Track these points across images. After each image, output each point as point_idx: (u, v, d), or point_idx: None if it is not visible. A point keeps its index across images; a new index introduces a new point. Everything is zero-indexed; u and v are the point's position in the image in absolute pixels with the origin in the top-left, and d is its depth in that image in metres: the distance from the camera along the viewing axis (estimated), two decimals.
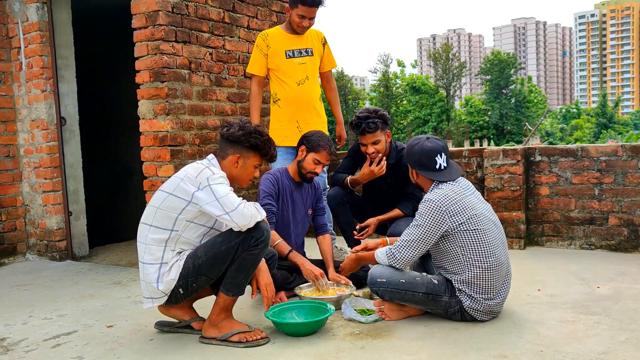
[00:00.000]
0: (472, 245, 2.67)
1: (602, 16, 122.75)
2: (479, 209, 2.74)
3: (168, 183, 2.63)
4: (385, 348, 2.50)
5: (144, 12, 4.08)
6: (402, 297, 2.76)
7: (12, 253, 4.90)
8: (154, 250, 2.57)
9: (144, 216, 2.65)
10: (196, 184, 2.51)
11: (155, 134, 4.13)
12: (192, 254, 2.59)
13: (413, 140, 2.93)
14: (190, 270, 2.56)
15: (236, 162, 2.68)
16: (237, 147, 2.67)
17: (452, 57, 51.22)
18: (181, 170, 2.65)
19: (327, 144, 3.38)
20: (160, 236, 2.57)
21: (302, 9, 3.79)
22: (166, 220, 2.56)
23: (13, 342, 2.82)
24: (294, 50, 3.93)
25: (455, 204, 2.68)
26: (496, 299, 2.74)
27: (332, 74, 4.27)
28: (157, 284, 2.56)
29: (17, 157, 4.97)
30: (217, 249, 2.55)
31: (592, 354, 2.33)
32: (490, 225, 2.74)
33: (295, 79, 3.91)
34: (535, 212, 4.52)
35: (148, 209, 2.65)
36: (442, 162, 2.81)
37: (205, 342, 2.65)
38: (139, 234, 2.65)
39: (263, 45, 3.90)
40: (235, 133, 2.66)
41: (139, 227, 2.66)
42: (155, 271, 2.56)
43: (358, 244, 3.90)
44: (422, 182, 2.90)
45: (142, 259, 2.60)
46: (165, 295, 2.59)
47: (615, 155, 4.23)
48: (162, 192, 2.61)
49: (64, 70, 4.80)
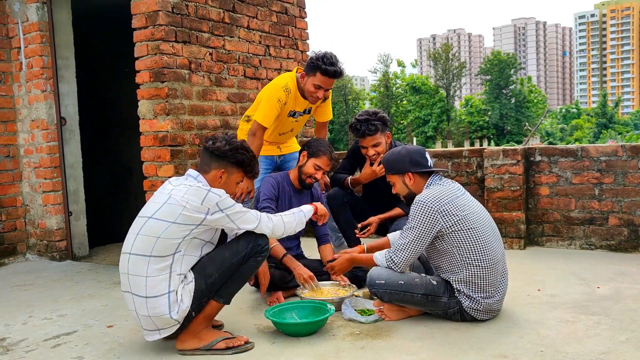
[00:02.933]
0: (467, 244, 2.68)
1: (602, 16, 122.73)
2: (472, 208, 2.74)
3: (163, 211, 2.43)
4: (385, 348, 2.50)
5: (144, 12, 4.08)
6: (401, 298, 2.76)
7: (12, 253, 4.90)
8: (158, 281, 2.39)
9: (135, 247, 2.43)
10: (204, 211, 2.43)
11: (155, 134, 4.13)
12: (202, 273, 2.47)
13: (394, 151, 2.95)
14: (203, 290, 2.47)
15: (220, 177, 2.59)
16: (222, 162, 2.59)
17: (452, 57, 51.26)
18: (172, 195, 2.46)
19: (327, 150, 3.40)
20: (164, 264, 2.40)
21: (320, 78, 3.51)
22: (169, 247, 2.41)
23: (13, 342, 2.82)
24: (297, 112, 3.79)
25: (448, 204, 2.68)
26: (495, 296, 2.74)
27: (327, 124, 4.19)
28: (170, 314, 2.40)
29: (17, 157, 4.97)
30: (229, 263, 2.51)
31: (592, 354, 2.33)
32: (484, 223, 2.75)
33: (282, 130, 3.86)
34: (535, 212, 4.52)
35: (142, 239, 2.43)
36: (430, 160, 2.90)
37: (187, 354, 2.51)
38: (132, 267, 2.42)
39: (283, 101, 3.61)
40: (222, 148, 2.58)
41: (128, 258, 2.44)
42: (166, 302, 2.39)
43: (358, 243, 3.91)
44: (417, 184, 2.86)
45: (146, 294, 2.39)
46: (179, 323, 2.45)
47: (615, 155, 4.23)
48: (158, 221, 2.42)
49: (64, 70, 4.81)
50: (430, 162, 2.89)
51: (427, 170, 2.84)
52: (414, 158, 2.85)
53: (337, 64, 3.52)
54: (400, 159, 2.88)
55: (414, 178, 2.86)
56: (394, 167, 2.91)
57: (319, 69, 3.49)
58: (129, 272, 2.44)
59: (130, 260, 2.43)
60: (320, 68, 3.49)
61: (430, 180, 2.83)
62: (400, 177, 2.90)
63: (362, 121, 3.61)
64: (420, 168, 2.84)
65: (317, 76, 3.52)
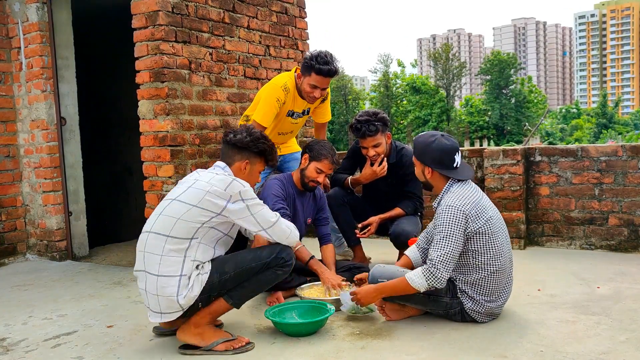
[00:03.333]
0: (481, 248, 2.65)
1: (602, 16, 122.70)
2: (491, 212, 2.71)
3: (188, 194, 2.52)
4: (385, 348, 2.50)
5: (144, 12, 4.08)
6: (403, 297, 2.75)
7: (12, 253, 4.90)
8: (172, 262, 2.44)
9: (155, 226, 2.51)
10: (226, 197, 2.48)
11: (155, 134, 4.13)
12: (219, 268, 2.51)
13: (427, 137, 2.79)
14: (215, 285, 2.49)
15: (244, 168, 2.69)
16: (245, 153, 2.68)
17: (452, 57, 51.20)
18: (198, 180, 2.56)
19: (329, 153, 3.39)
20: (179, 246, 2.45)
21: (315, 78, 3.51)
22: (187, 230, 2.46)
23: (13, 342, 2.82)
24: (296, 112, 3.79)
25: (474, 208, 2.63)
26: (498, 301, 2.73)
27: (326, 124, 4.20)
28: (177, 297, 2.43)
29: (17, 157, 4.97)
30: (247, 265, 2.54)
31: (592, 354, 2.33)
32: (500, 229, 2.72)
33: (281, 130, 3.86)
34: (536, 212, 4.52)
35: (163, 219, 2.51)
36: (459, 161, 2.77)
37: (187, 353, 2.52)
38: (149, 245, 2.49)
39: (282, 100, 3.61)
40: (244, 139, 2.66)
41: (147, 236, 2.52)
42: (175, 284, 2.42)
43: (359, 243, 3.92)
44: (435, 180, 2.78)
45: (158, 272, 2.44)
46: (182, 310, 2.47)
47: (615, 155, 4.23)
48: (181, 203, 2.49)
49: (64, 70, 4.80)
50: (458, 163, 2.75)
51: (447, 174, 2.74)
52: (441, 157, 2.72)
53: (332, 63, 3.51)
54: (427, 151, 2.76)
55: (433, 173, 2.78)
56: (419, 154, 2.80)
57: (313, 68, 3.49)
58: (145, 249, 2.50)
59: (149, 239, 2.50)
60: (314, 68, 3.49)
61: (451, 182, 2.74)
62: (421, 165, 2.81)
63: (363, 122, 3.61)
64: (441, 169, 2.74)
65: (312, 76, 3.52)
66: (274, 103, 3.59)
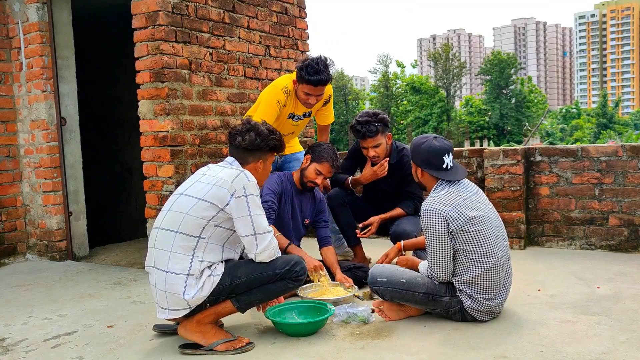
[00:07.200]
0: (472, 245, 2.67)
1: (602, 16, 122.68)
2: (481, 210, 2.72)
3: (194, 188, 2.55)
4: (385, 348, 2.50)
5: (144, 12, 4.08)
6: (403, 296, 2.75)
7: (12, 253, 4.90)
8: (180, 259, 2.45)
9: (164, 222, 2.53)
10: (231, 190, 2.48)
11: (155, 134, 4.13)
12: (232, 271, 2.52)
13: (420, 139, 2.90)
14: (226, 288, 2.50)
15: (260, 167, 2.72)
16: (257, 153, 2.70)
17: (452, 57, 51.21)
18: (206, 174, 2.60)
19: (331, 157, 3.41)
20: (187, 244, 2.46)
21: (306, 87, 3.56)
22: (194, 226, 2.47)
23: (13, 342, 2.82)
24: (297, 114, 3.81)
25: (453, 209, 2.67)
26: (497, 299, 2.74)
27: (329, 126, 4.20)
28: (183, 295, 2.44)
29: (18, 157, 4.97)
30: (260, 273, 2.55)
31: (592, 354, 2.33)
32: (491, 225, 2.73)
33: (282, 132, 3.83)
34: (536, 212, 4.52)
35: (171, 214, 2.53)
36: (449, 162, 2.81)
37: (188, 353, 2.53)
38: (159, 241, 2.51)
39: (282, 103, 3.65)
40: (254, 141, 2.67)
41: (157, 232, 2.54)
42: (183, 282, 2.44)
43: (359, 243, 3.92)
44: (426, 180, 2.87)
45: (168, 268, 2.45)
46: (190, 308, 2.48)
47: (616, 155, 4.23)
48: (188, 197, 2.53)
49: (64, 70, 4.80)
50: (448, 164, 2.80)
51: (436, 175, 2.80)
52: (428, 158, 2.80)
53: (323, 72, 3.50)
54: (418, 152, 2.86)
55: (423, 174, 2.87)
56: (412, 155, 2.92)
57: (303, 79, 3.52)
58: (155, 246, 2.53)
59: (158, 235, 2.53)
60: (304, 78, 3.52)
61: (440, 182, 2.80)
62: (414, 166, 2.93)
63: (363, 123, 3.61)
64: (430, 170, 2.81)
65: (304, 85, 3.56)
66: (274, 105, 3.62)
